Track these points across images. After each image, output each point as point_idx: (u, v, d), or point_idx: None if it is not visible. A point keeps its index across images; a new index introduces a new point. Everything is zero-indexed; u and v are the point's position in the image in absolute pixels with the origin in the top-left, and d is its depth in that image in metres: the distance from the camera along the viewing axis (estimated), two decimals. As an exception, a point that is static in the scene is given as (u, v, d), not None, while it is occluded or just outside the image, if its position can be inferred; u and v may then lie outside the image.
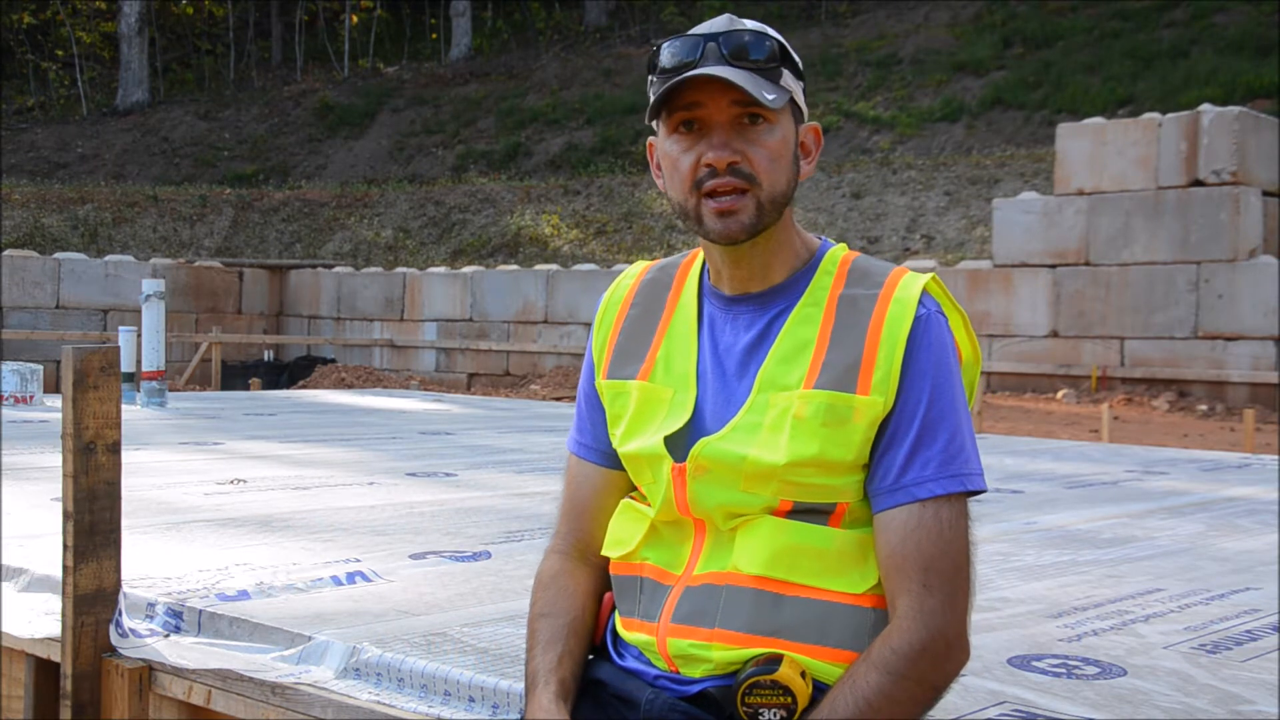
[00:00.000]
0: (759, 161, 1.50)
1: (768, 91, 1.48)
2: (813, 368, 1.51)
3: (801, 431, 1.49)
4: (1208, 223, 13.12)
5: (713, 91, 1.49)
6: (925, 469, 1.48)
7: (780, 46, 1.53)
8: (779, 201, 1.52)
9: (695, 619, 1.52)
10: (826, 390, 1.50)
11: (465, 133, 28.00)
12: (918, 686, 1.43)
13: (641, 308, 1.67)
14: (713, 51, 1.50)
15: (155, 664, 2.68)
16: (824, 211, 19.04)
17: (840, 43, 27.11)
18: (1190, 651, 2.57)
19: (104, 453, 2.75)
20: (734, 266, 1.57)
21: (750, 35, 1.51)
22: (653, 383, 1.61)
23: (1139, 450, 7.44)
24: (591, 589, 1.67)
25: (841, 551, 1.51)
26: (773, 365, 1.53)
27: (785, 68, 1.53)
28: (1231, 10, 23.44)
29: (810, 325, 1.54)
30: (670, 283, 1.67)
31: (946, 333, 1.54)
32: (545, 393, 15.45)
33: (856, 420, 1.49)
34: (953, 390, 1.51)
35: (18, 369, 9.14)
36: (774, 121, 1.51)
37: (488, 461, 5.87)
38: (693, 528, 1.57)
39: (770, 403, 1.52)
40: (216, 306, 19.48)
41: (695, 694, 1.53)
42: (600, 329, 1.70)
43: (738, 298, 1.58)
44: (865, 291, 1.54)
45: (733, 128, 1.50)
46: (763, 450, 1.50)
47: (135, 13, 31.74)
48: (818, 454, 1.49)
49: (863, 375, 1.50)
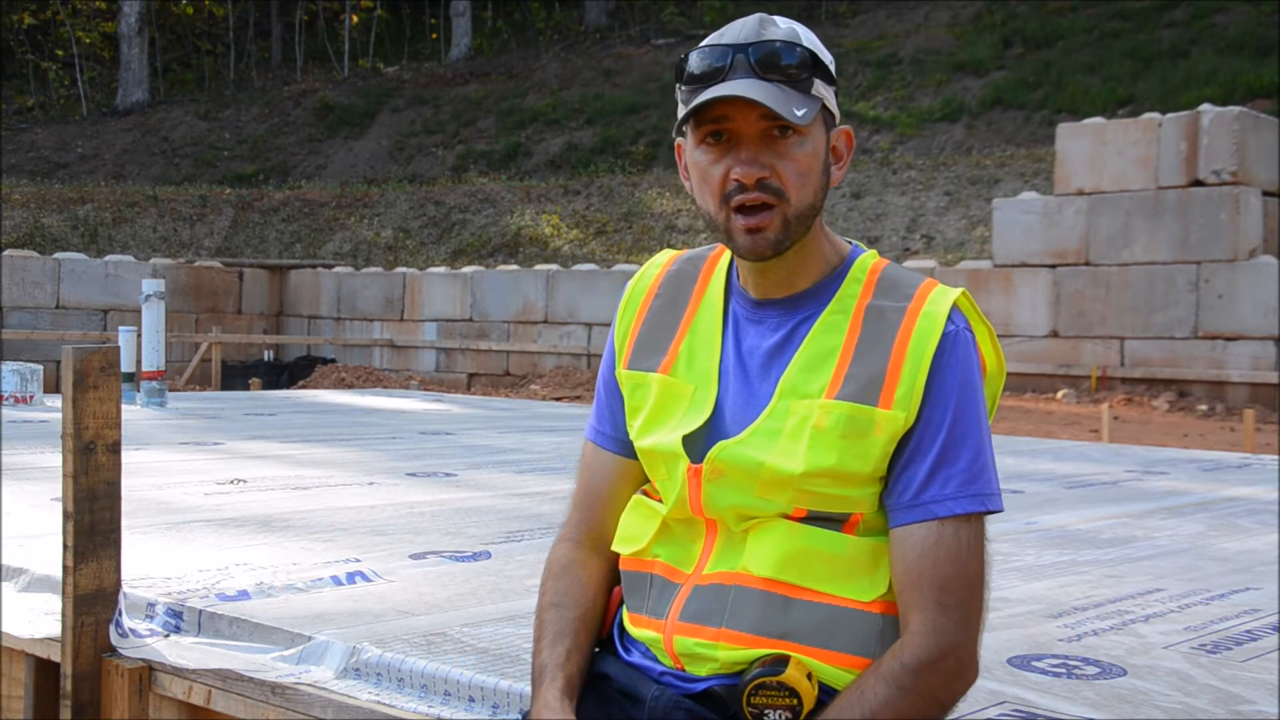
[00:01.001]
0: (788, 176, 1.48)
1: (797, 106, 1.45)
2: (835, 377, 1.50)
3: (820, 442, 1.48)
4: (1208, 223, 13.12)
5: (741, 105, 1.46)
6: (946, 487, 1.48)
7: (811, 54, 1.49)
8: (806, 215, 1.51)
9: (703, 618, 1.52)
10: (848, 402, 1.49)
11: (465, 133, 27.99)
12: (924, 702, 1.43)
13: (666, 299, 1.65)
14: (741, 63, 1.46)
15: (155, 664, 2.68)
16: (824, 211, 19.00)
17: (840, 43, 27.10)
18: (1190, 651, 2.57)
19: (104, 453, 2.75)
20: (761, 275, 1.56)
21: (781, 44, 1.47)
22: (674, 377, 1.59)
23: (1139, 450, 7.44)
24: (602, 580, 1.66)
25: (853, 558, 1.51)
26: (795, 372, 1.52)
27: (817, 76, 1.50)
28: (1231, 10, 23.44)
29: (836, 334, 1.52)
30: (697, 276, 1.65)
31: (973, 350, 1.53)
32: (545, 393, 15.45)
33: (877, 434, 1.48)
34: (977, 409, 1.51)
35: (18, 369, 9.14)
36: (805, 134, 1.48)
37: (488, 461, 5.87)
38: (704, 527, 1.57)
39: (791, 410, 1.51)
40: (216, 306, 19.48)
41: (700, 692, 1.52)
42: (623, 318, 1.68)
43: (764, 301, 1.57)
44: (893, 304, 1.52)
45: (762, 141, 1.47)
46: (781, 458, 1.49)
47: (135, 13, 31.74)
48: (835, 465, 1.48)
49: (885, 389, 1.48)
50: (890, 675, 1.43)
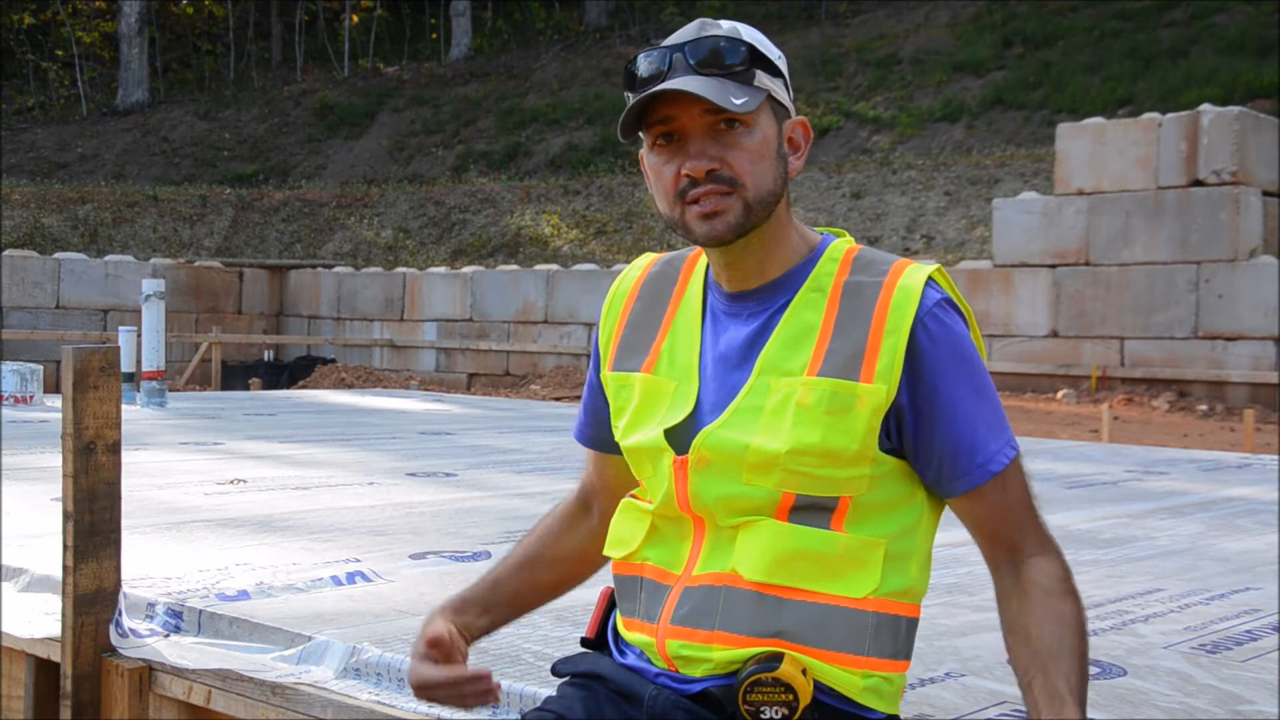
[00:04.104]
0: (739, 164, 1.49)
1: (735, 96, 1.47)
2: (816, 354, 1.51)
3: (805, 419, 1.49)
4: (1208, 223, 13.12)
5: (684, 103, 1.49)
6: (990, 444, 1.52)
7: (751, 48, 1.51)
8: (767, 200, 1.52)
9: (695, 620, 1.52)
10: (830, 378, 1.50)
11: (465, 133, 28.00)
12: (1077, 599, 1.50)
13: (647, 300, 1.67)
14: (679, 62, 1.49)
15: (155, 664, 2.68)
16: (824, 211, 19.03)
17: (840, 43, 27.11)
18: (1190, 651, 2.57)
19: (104, 453, 2.75)
20: (730, 267, 1.57)
21: (720, 40, 1.50)
22: (656, 375, 1.61)
23: (1139, 450, 7.44)
24: (587, 531, 1.78)
25: (843, 556, 1.51)
26: (775, 349, 1.53)
27: (758, 68, 1.52)
28: (1231, 10, 23.44)
29: (814, 311, 1.54)
30: (676, 276, 1.67)
31: (956, 314, 1.55)
32: (545, 393, 15.45)
33: (860, 408, 1.49)
34: (981, 366, 1.55)
35: (18, 369, 9.14)
36: (751, 124, 1.50)
37: (488, 461, 5.88)
38: (692, 526, 1.57)
39: (772, 387, 1.52)
40: (216, 306, 19.48)
41: (697, 693, 1.52)
42: (606, 321, 1.70)
43: (738, 294, 1.59)
44: (870, 279, 1.54)
45: (709, 135, 1.49)
46: (765, 438, 1.50)
47: (135, 13, 31.74)
48: (820, 442, 1.48)
49: (866, 363, 1.50)
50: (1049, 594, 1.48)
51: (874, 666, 1.50)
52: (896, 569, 1.52)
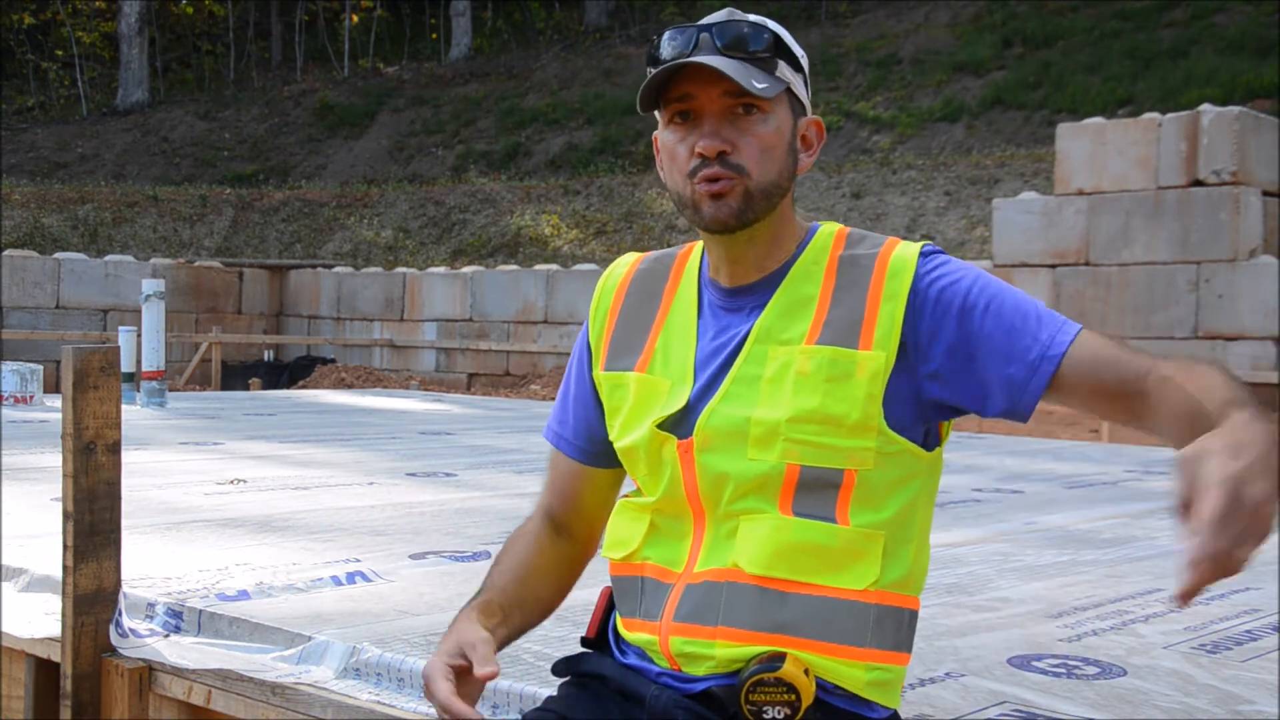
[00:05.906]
0: (748, 152, 1.51)
1: (758, 80, 1.49)
2: (815, 323, 1.52)
3: (804, 386, 1.50)
4: (1208, 223, 13.12)
5: (704, 82, 1.50)
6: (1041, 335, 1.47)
7: (776, 37, 1.54)
8: (770, 192, 1.53)
9: (697, 617, 1.52)
10: (829, 346, 1.51)
11: (465, 133, 27.99)
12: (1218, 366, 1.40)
13: (637, 298, 1.66)
14: (706, 42, 1.51)
15: (155, 664, 2.68)
16: (824, 211, 19.03)
17: (840, 43, 27.10)
18: (1190, 651, 2.57)
19: (104, 453, 2.75)
20: (732, 261, 1.58)
21: (746, 26, 1.52)
22: (650, 374, 1.60)
23: (1139, 450, 7.44)
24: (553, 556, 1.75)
25: (845, 549, 1.51)
26: (771, 317, 1.54)
27: (781, 59, 1.54)
28: (1231, 10, 23.43)
29: (812, 282, 1.55)
30: (667, 274, 1.67)
31: (953, 259, 1.58)
32: (545, 393, 15.45)
33: (859, 375, 1.50)
34: (996, 283, 1.54)
35: (18, 369, 9.14)
36: (768, 111, 1.52)
37: (488, 461, 5.88)
38: (692, 521, 1.57)
39: (769, 355, 1.52)
40: (216, 306, 19.48)
41: (699, 692, 1.52)
42: (595, 320, 1.70)
43: (736, 289, 1.59)
44: (865, 251, 1.57)
45: (725, 117, 1.51)
46: (765, 409, 1.51)
47: (135, 13, 31.72)
48: (819, 407, 1.49)
49: (865, 330, 1.51)
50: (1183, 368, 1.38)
51: (876, 658, 1.50)
52: (895, 558, 1.52)
